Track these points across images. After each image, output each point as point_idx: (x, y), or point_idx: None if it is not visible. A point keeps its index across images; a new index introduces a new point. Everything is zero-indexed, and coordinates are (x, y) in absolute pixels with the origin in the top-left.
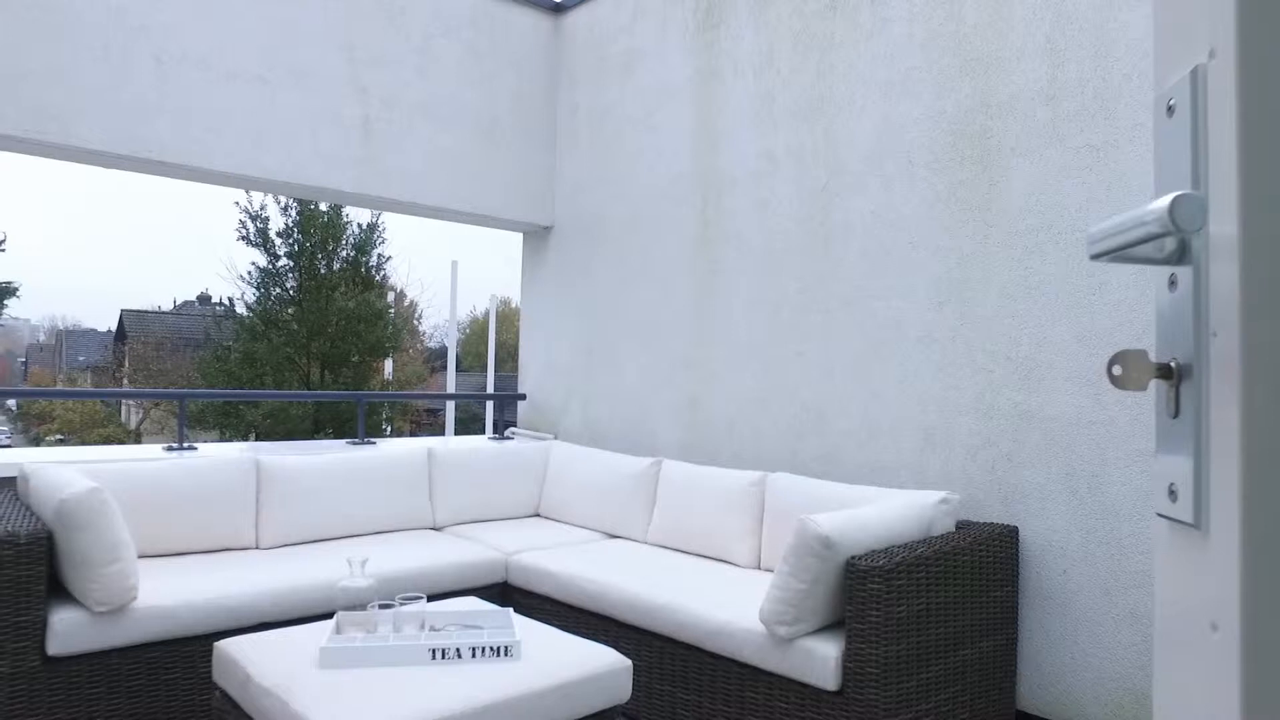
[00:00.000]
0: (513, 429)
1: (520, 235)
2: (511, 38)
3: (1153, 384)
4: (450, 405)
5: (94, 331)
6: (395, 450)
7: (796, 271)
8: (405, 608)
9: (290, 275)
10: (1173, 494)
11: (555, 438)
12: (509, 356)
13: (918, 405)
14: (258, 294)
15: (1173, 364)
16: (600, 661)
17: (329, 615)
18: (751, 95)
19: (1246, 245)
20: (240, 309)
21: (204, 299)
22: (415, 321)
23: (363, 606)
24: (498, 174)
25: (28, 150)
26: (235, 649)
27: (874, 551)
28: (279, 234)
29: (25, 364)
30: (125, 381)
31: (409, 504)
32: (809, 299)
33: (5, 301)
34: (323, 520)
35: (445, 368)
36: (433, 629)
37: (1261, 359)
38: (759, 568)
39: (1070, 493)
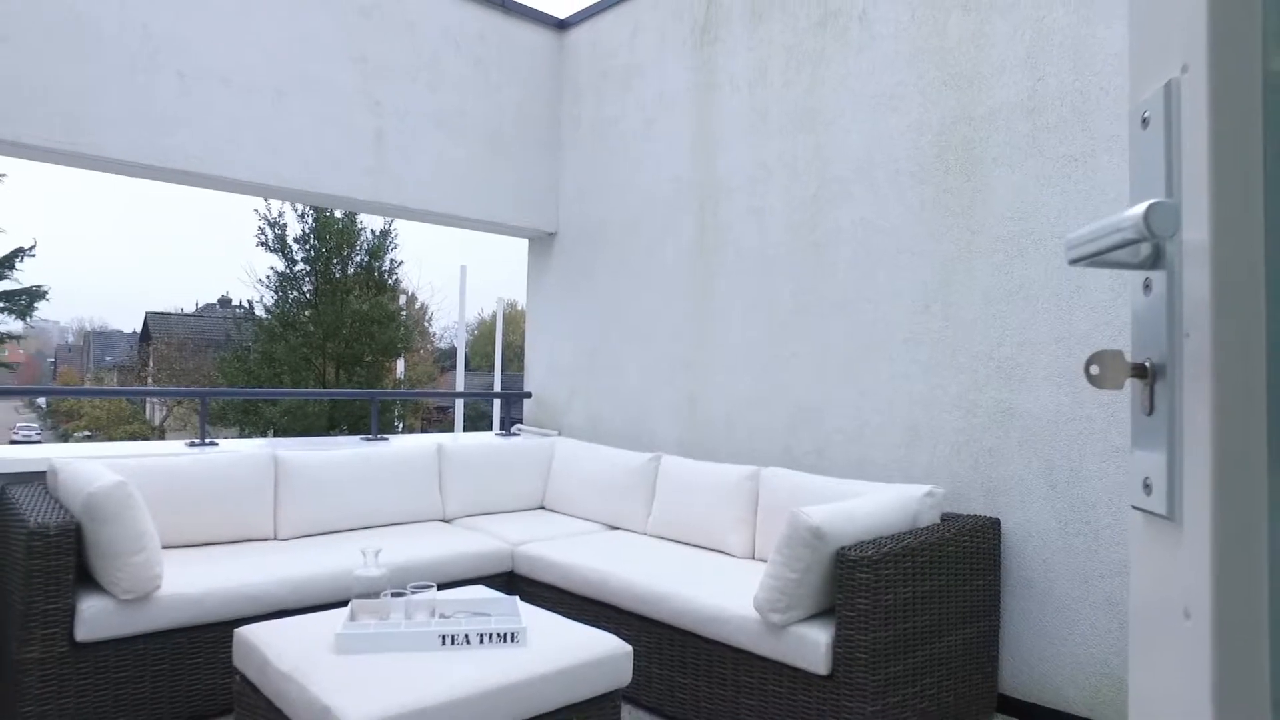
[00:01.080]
0: (519, 426)
1: (526, 241)
2: (517, 52)
3: (1128, 383)
4: (459, 403)
5: (120, 333)
6: (407, 446)
7: (790, 276)
8: (416, 596)
9: (307, 279)
10: (1147, 487)
11: (559, 434)
12: (515, 356)
13: (905, 403)
14: (276, 297)
15: (1147, 364)
16: (602, 647)
17: (344, 603)
18: (746, 107)
19: (1217, 250)
20: (259, 311)
21: (225, 302)
22: (426, 323)
23: (376, 595)
24: (504, 183)
25: (56, 160)
26: (254, 635)
27: (863, 542)
28: (296, 240)
29: (54, 364)
30: (150, 380)
31: (420, 497)
32: (802, 302)
33: (35, 304)
34: (338, 512)
35: (454, 367)
36: (442, 616)
37: (1232, 358)
38: (753, 558)
39: (1050, 486)
